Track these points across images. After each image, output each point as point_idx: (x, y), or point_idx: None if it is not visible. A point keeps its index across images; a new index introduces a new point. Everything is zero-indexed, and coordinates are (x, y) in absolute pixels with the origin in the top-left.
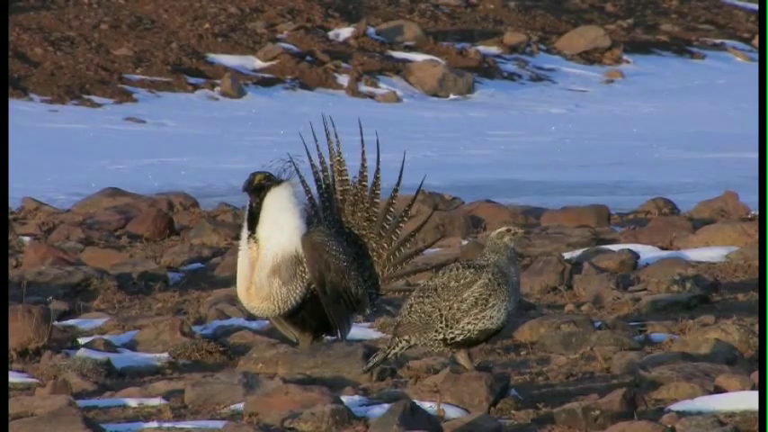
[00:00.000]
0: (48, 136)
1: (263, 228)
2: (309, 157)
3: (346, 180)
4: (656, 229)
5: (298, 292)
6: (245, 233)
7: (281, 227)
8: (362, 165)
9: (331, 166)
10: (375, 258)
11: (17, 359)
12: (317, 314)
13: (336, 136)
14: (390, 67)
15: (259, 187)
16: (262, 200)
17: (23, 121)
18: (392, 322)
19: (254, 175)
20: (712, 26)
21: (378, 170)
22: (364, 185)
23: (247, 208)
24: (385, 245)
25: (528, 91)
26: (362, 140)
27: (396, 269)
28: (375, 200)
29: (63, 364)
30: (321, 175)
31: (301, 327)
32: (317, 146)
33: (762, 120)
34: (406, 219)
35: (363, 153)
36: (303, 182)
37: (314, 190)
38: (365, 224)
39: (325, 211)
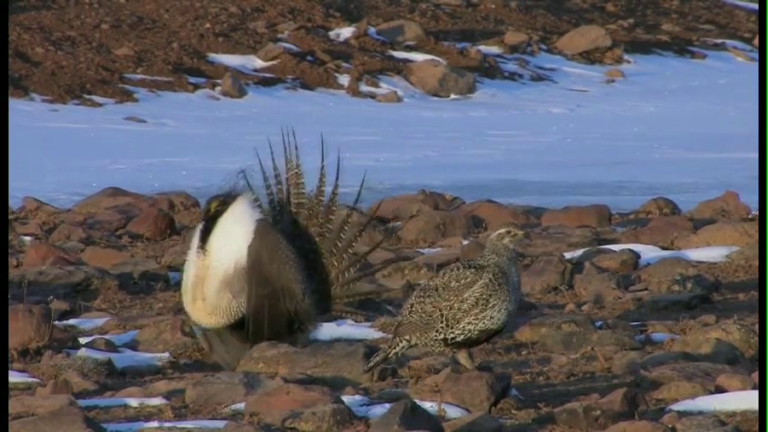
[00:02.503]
0: (48, 136)
1: (215, 239)
2: (262, 170)
3: (302, 193)
4: (657, 228)
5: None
6: (195, 243)
7: (233, 239)
8: (321, 179)
9: (287, 179)
10: (324, 275)
11: (18, 359)
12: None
13: (297, 148)
14: (391, 66)
15: (216, 215)
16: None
17: (24, 121)
18: (393, 322)
19: (209, 203)
20: (713, 26)
21: (336, 186)
22: (321, 200)
23: (202, 222)
24: (335, 263)
25: (529, 91)
26: (323, 153)
27: (343, 289)
28: (330, 216)
29: (64, 364)
30: (274, 189)
31: (245, 337)
32: (273, 158)
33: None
34: (359, 239)
35: (323, 168)
36: (255, 197)
37: (266, 203)
38: (317, 239)
39: (276, 225)
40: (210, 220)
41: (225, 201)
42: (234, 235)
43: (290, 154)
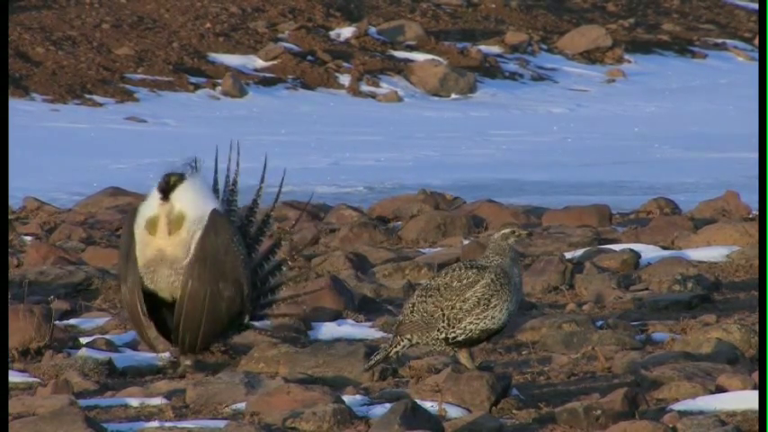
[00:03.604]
0: (49, 135)
1: (179, 197)
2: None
3: (234, 211)
4: (658, 228)
5: None
6: (154, 200)
7: (198, 206)
8: (255, 201)
9: (223, 190)
10: (246, 290)
11: (18, 359)
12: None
13: (238, 165)
14: (392, 66)
15: (174, 186)
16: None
17: (25, 121)
18: (394, 321)
19: (168, 176)
20: (714, 26)
21: (272, 208)
22: (251, 221)
23: (158, 192)
24: (258, 283)
25: (529, 90)
26: (263, 176)
27: (256, 310)
28: (261, 237)
29: (64, 364)
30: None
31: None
32: (216, 170)
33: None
34: (283, 268)
35: (259, 190)
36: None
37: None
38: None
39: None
40: (168, 191)
41: (182, 176)
42: (198, 204)
43: (229, 171)
